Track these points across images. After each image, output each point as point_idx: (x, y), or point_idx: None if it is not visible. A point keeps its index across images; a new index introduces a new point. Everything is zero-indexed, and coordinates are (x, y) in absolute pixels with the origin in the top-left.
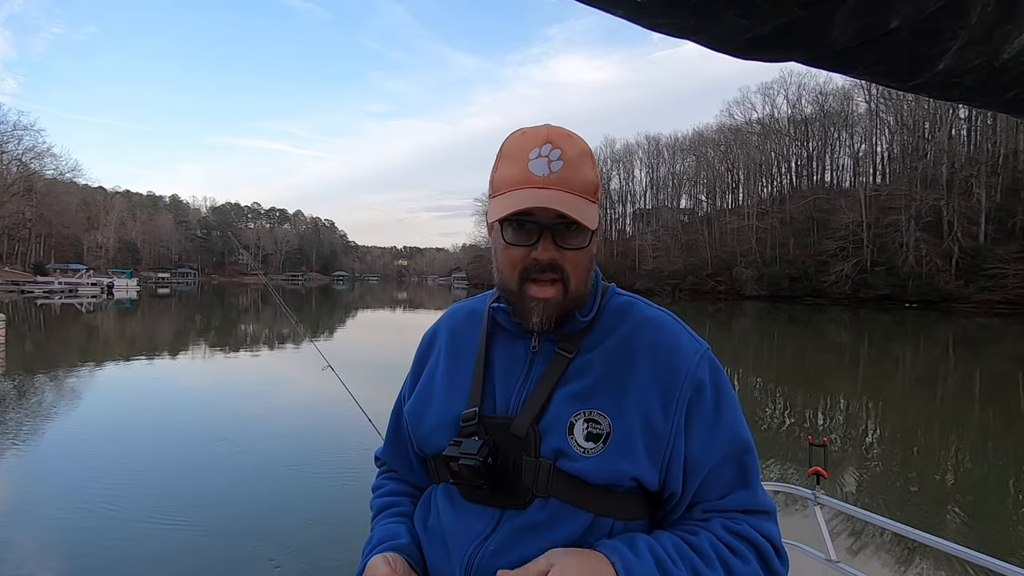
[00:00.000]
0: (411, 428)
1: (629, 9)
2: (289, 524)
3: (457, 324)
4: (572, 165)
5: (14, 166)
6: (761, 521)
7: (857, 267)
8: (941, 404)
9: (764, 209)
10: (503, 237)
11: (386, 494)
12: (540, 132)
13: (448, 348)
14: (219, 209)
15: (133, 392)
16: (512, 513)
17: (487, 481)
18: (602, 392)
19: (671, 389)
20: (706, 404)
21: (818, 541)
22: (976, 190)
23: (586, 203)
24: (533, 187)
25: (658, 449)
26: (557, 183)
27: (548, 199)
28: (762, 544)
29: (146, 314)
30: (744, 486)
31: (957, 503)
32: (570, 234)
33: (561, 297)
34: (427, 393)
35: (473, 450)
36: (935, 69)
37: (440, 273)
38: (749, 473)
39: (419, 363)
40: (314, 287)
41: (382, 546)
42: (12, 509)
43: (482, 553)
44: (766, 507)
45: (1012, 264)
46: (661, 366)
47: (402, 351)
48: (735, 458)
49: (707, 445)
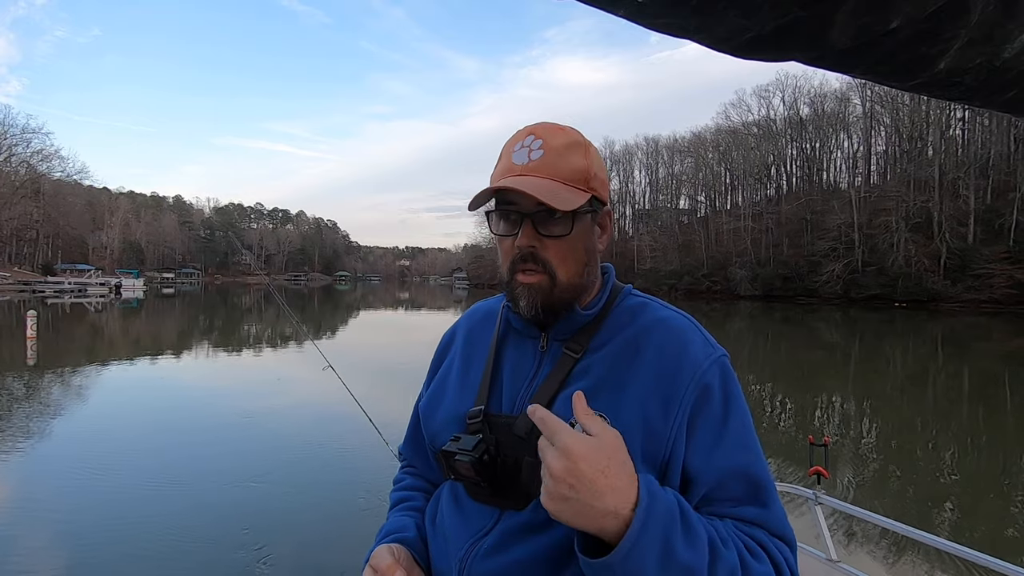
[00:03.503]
0: (423, 424)
1: (630, 9)
2: (288, 524)
3: (474, 323)
4: (555, 153)
5: (22, 168)
6: (780, 544)
7: (848, 267)
8: (933, 402)
9: (759, 210)
10: (492, 229)
11: (403, 488)
12: (527, 127)
13: (464, 347)
14: (222, 210)
15: (141, 390)
16: (511, 513)
17: (484, 479)
18: (604, 392)
19: (673, 390)
20: (713, 411)
21: (818, 541)
22: (963, 191)
23: (567, 189)
24: (512, 175)
25: (655, 452)
26: (535, 170)
27: (519, 183)
28: (779, 560)
29: (153, 313)
30: (758, 504)
31: (953, 501)
32: (552, 222)
33: (548, 284)
34: (440, 390)
35: (469, 447)
36: (936, 69)
37: (442, 273)
38: (763, 491)
39: (437, 361)
40: (316, 287)
41: (389, 537)
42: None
43: (476, 551)
44: (786, 533)
45: (998, 264)
46: (666, 366)
47: (403, 351)
48: (744, 472)
49: (710, 454)
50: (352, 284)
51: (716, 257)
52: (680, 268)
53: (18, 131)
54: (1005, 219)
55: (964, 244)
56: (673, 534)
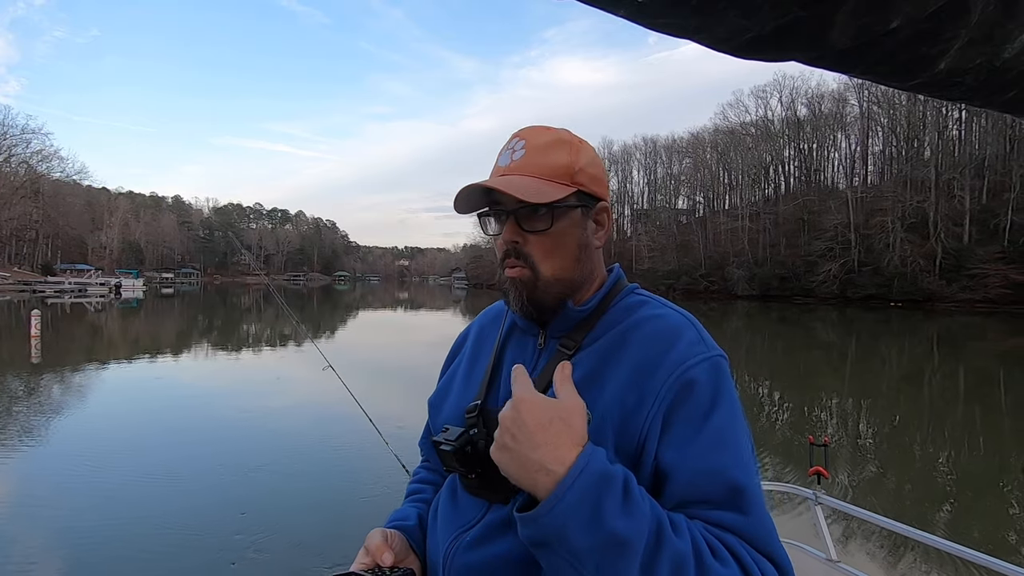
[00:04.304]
0: (431, 418)
1: (630, 9)
2: (287, 523)
3: (485, 322)
4: (536, 151)
5: (22, 169)
6: (761, 559)
7: (845, 267)
8: (929, 401)
9: (756, 210)
10: (483, 229)
11: (417, 481)
12: (516, 132)
13: (473, 345)
14: (221, 210)
15: (138, 390)
16: (497, 507)
17: (470, 471)
18: (588, 388)
19: (651, 383)
20: (694, 407)
21: (818, 540)
22: (958, 192)
23: (546, 184)
24: (496, 177)
25: (627, 445)
26: (515, 169)
27: (495, 182)
28: (753, 571)
29: (153, 313)
30: (735, 509)
31: (951, 500)
32: (535, 217)
33: (530, 278)
34: (448, 386)
35: (453, 438)
36: (936, 69)
37: (441, 273)
38: (742, 495)
39: (450, 359)
40: (315, 287)
41: (389, 524)
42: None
43: (459, 543)
44: (772, 550)
45: (992, 264)
46: (647, 360)
47: (403, 351)
48: (721, 472)
49: (684, 450)
50: (351, 284)
51: (714, 257)
52: (678, 268)
53: (18, 131)
54: (1000, 219)
55: (959, 244)
56: (607, 499)
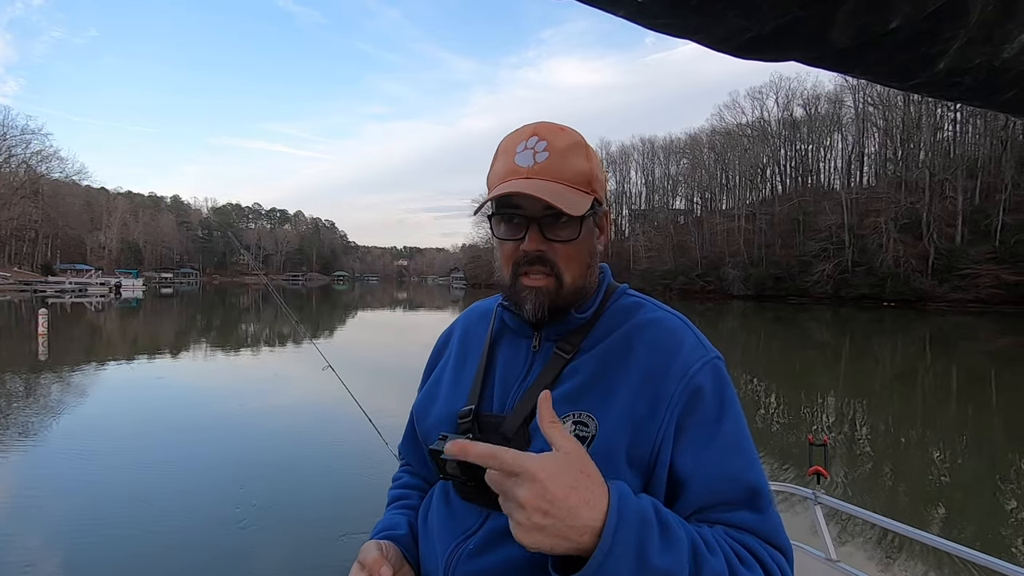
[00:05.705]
0: (417, 423)
1: (630, 9)
2: (287, 524)
3: (471, 323)
4: (560, 155)
5: (21, 169)
6: (774, 552)
7: (838, 267)
8: (923, 400)
9: (752, 211)
10: (495, 232)
11: (399, 486)
12: (528, 127)
13: (459, 346)
14: (220, 210)
15: (139, 389)
16: (497, 514)
17: (470, 478)
18: (592, 393)
19: (662, 390)
20: (704, 413)
21: (818, 540)
22: (951, 193)
23: (574, 192)
24: (518, 178)
25: (641, 453)
26: (541, 173)
27: (529, 187)
28: (772, 569)
29: (153, 313)
30: (752, 509)
31: (946, 499)
32: (559, 225)
33: (554, 287)
34: (434, 389)
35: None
36: (935, 69)
37: (440, 273)
38: (758, 496)
39: (433, 361)
40: (314, 287)
41: (380, 534)
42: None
43: (462, 551)
44: (781, 542)
45: (984, 264)
46: (656, 366)
47: (402, 351)
48: (737, 476)
49: (701, 456)
50: (350, 284)
51: (710, 257)
52: (675, 268)
53: (17, 132)
54: (992, 220)
55: (952, 244)
56: (648, 539)
